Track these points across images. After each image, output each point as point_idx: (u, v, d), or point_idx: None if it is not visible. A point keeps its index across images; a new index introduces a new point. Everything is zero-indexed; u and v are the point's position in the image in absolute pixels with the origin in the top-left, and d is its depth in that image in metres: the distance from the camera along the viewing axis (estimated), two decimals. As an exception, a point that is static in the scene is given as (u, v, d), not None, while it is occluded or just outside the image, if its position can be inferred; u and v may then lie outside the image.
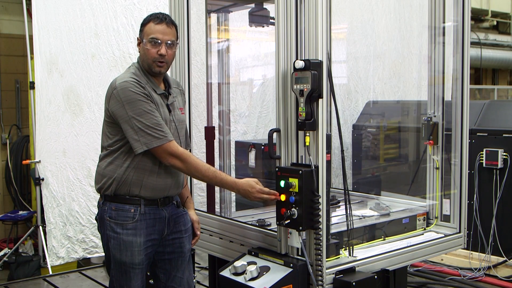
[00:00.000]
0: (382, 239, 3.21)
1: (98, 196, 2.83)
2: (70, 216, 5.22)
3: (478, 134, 5.07)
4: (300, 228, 2.56)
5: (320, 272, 2.56)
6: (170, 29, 2.71)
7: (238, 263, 2.66)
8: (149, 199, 2.73)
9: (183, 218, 2.90)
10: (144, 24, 2.74)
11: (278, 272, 2.58)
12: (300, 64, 2.52)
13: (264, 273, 2.60)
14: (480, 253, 5.01)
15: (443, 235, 3.37)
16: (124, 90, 2.61)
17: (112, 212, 2.70)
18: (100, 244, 5.25)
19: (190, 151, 3.25)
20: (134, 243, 2.69)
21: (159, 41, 2.68)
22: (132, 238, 2.68)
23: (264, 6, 3.60)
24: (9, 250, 6.03)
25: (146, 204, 2.72)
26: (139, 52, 2.78)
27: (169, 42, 2.70)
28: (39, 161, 5.23)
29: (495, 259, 4.97)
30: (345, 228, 2.92)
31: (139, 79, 2.68)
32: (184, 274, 2.91)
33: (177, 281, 2.89)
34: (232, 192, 3.89)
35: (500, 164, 4.92)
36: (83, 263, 5.53)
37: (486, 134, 5.06)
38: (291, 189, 2.56)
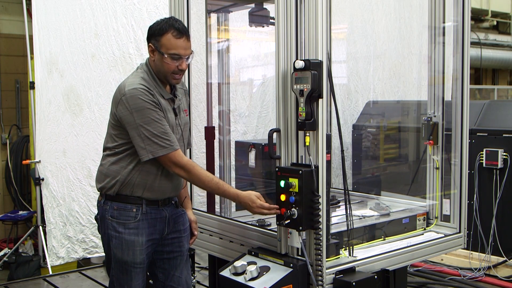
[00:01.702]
0: (382, 239, 3.21)
1: (98, 196, 2.83)
2: (70, 216, 5.22)
3: (478, 134, 5.07)
4: (300, 228, 2.56)
5: (320, 272, 2.57)
6: (189, 42, 2.70)
7: (238, 263, 2.66)
8: (151, 200, 2.74)
9: (182, 217, 2.91)
10: (160, 34, 2.65)
11: (278, 272, 2.58)
12: (300, 64, 2.52)
13: (264, 273, 2.60)
14: (480, 253, 5.01)
15: (443, 235, 3.37)
16: (133, 97, 2.59)
17: (114, 211, 2.71)
18: (100, 244, 5.26)
19: (190, 150, 3.25)
20: (136, 243, 2.70)
21: (181, 56, 2.67)
22: (134, 237, 2.69)
23: (264, 6, 3.60)
24: (9, 250, 6.03)
25: (148, 204, 2.73)
26: (153, 60, 2.71)
27: (188, 56, 2.70)
28: (39, 161, 5.23)
29: (495, 259, 4.96)
30: (345, 228, 2.91)
31: (148, 85, 2.65)
32: (182, 274, 2.92)
33: (176, 280, 2.90)
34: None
35: (500, 164, 4.91)
36: (83, 263, 5.53)
37: (486, 134, 5.06)
38: (291, 189, 2.56)
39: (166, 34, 2.64)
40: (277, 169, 2.66)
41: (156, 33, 2.67)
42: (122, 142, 2.70)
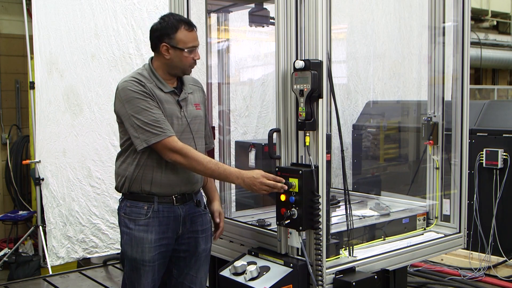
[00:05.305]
0: (382, 239, 3.21)
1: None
2: (70, 216, 5.22)
3: (478, 134, 5.07)
4: (300, 228, 2.56)
5: (320, 272, 2.57)
6: (197, 33, 2.80)
7: (238, 263, 2.66)
8: (163, 196, 2.73)
9: (201, 218, 2.88)
10: (173, 31, 2.68)
11: (278, 272, 2.59)
12: (300, 64, 2.52)
13: (264, 273, 2.60)
14: (480, 253, 5.01)
15: (443, 235, 3.37)
16: (123, 89, 2.67)
17: (126, 208, 2.75)
18: (100, 244, 5.27)
19: (213, 149, 3.21)
20: (145, 240, 2.70)
21: (196, 48, 2.75)
22: (143, 234, 2.70)
23: (264, 6, 3.60)
24: (9, 250, 6.03)
25: (160, 202, 2.73)
26: (167, 57, 2.72)
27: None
28: (39, 161, 5.24)
29: (495, 259, 4.96)
30: (345, 228, 2.91)
31: (142, 78, 2.69)
32: (198, 273, 2.91)
33: (189, 279, 2.89)
34: (232, 192, 3.88)
35: (500, 164, 4.91)
36: (83, 263, 5.54)
37: (486, 134, 5.06)
38: (291, 189, 2.56)
39: (180, 30, 2.70)
40: (277, 169, 2.66)
41: (168, 31, 2.70)
42: (126, 138, 2.75)
